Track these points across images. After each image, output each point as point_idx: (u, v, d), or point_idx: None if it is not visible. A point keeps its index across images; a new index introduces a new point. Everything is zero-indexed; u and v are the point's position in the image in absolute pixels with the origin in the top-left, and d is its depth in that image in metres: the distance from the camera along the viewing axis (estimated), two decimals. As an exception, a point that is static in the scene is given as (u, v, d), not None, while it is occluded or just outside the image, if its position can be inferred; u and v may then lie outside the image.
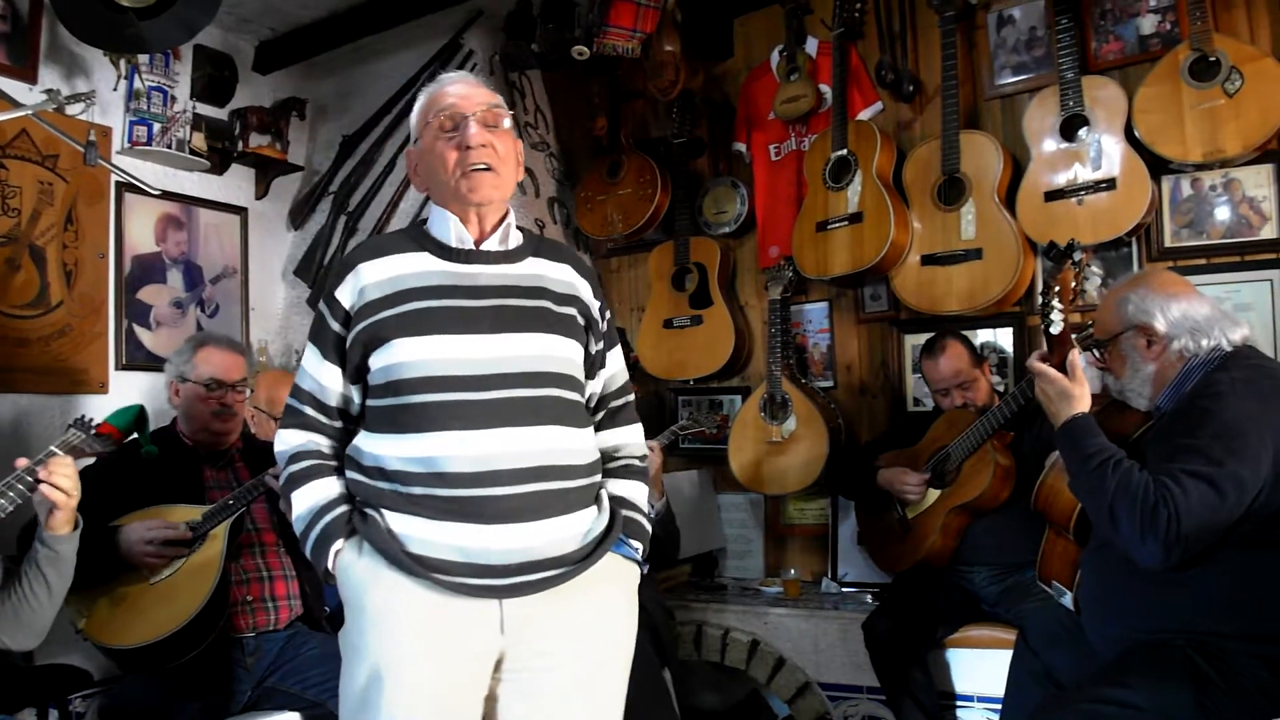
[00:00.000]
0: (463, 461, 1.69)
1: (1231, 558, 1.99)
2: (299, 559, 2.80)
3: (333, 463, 1.84)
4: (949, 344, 3.21)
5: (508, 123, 1.87)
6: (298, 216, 4.42)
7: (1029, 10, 3.56)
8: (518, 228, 1.93)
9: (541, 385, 1.77)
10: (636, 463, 1.98)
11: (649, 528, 1.95)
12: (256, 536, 2.76)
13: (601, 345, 1.95)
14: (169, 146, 3.74)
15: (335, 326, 1.83)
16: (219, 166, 4.09)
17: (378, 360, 1.76)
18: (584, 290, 1.92)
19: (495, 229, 1.87)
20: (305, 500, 1.80)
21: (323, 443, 1.86)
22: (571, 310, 1.87)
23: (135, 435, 2.49)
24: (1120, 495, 2.02)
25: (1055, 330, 2.28)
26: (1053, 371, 2.26)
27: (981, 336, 3.59)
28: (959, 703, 3.05)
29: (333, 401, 1.85)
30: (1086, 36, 3.41)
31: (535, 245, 1.93)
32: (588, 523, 1.81)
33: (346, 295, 1.82)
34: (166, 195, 3.79)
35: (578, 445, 1.82)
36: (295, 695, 2.60)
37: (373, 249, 1.87)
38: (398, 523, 1.72)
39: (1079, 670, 2.30)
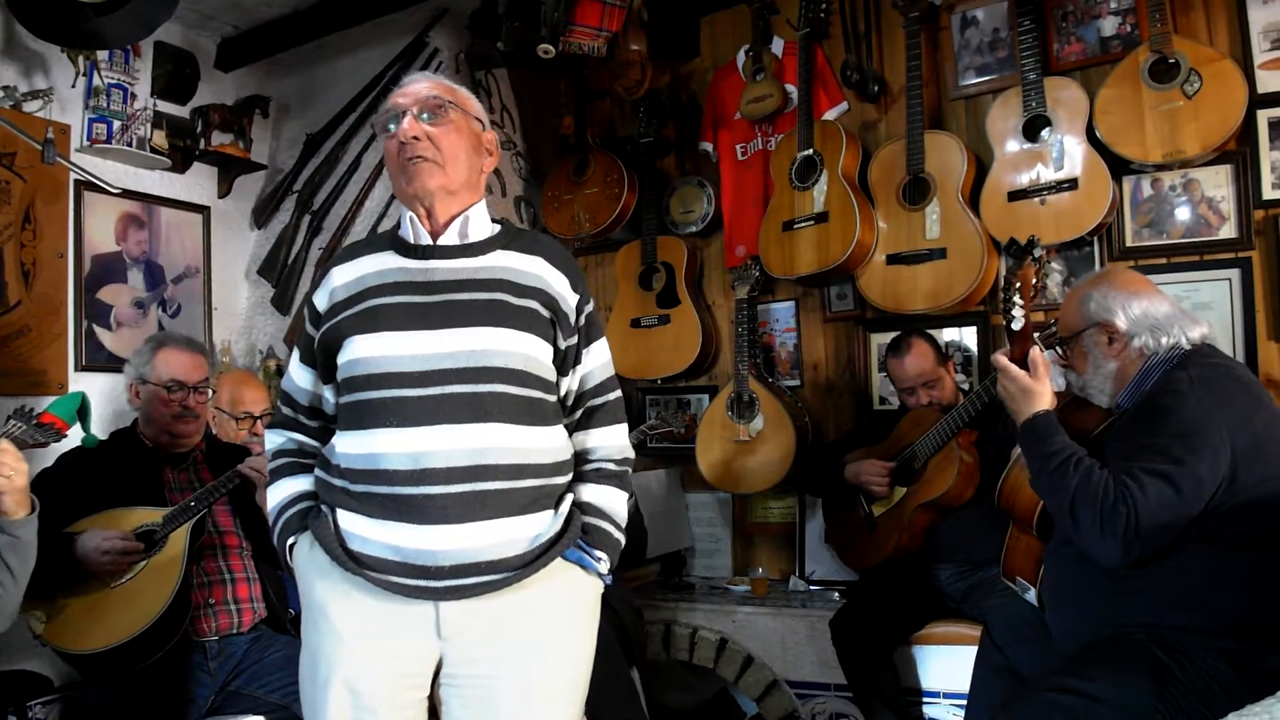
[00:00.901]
0: (399, 459, 1.68)
1: (1191, 553, 2.01)
2: (262, 561, 2.77)
3: (308, 461, 1.89)
4: (914, 343, 3.23)
5: (454, 113, 1.83)
6: (261, 215, 4.38)
7: (992, 12, 3.59)
8: (496, 220, 1.91)
9: (485, 381, 1.71)
10: (610, 466, 1.90)
11: (619, 538, 1.86)
12: (219, 539, 2.73)
13: (575, 340, 1.87)
14: (129, 144, 3.69)
15: (309, 329, 1.88)
16: (180, 165, 4.05)
17: (340, 359, 1.79)
18: (555, 283, 1.85)
19: (451, 222, 1.84)
20: (274, 497, 1.87)
21: (303, 441, 1.91)
22: (532, 303, 1.80)
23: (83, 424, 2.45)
24: (1081, 494, 2.04)
25: (1016, 326, 2.30)
26: (1015, 368, 2.28)
27: (946, 335, 3.62)
28: (925, 699, 3.07)
29: (306, 401, 1.90)
30: (1049, 38, 3.45)
31: (508, 238, 1.88)
32: (538, 527, 1.74)
33: (320, 299, 1.87)
34: (127, 194, 3.75)
35: (528, 444, 1.74)
36: (259, 699, 2.56)
37: (347, 252, 1.92)
38: (344, 520, 1.74)
39: (1042, 665, 2.32)
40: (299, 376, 1.91)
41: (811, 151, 3.66)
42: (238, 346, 4.35)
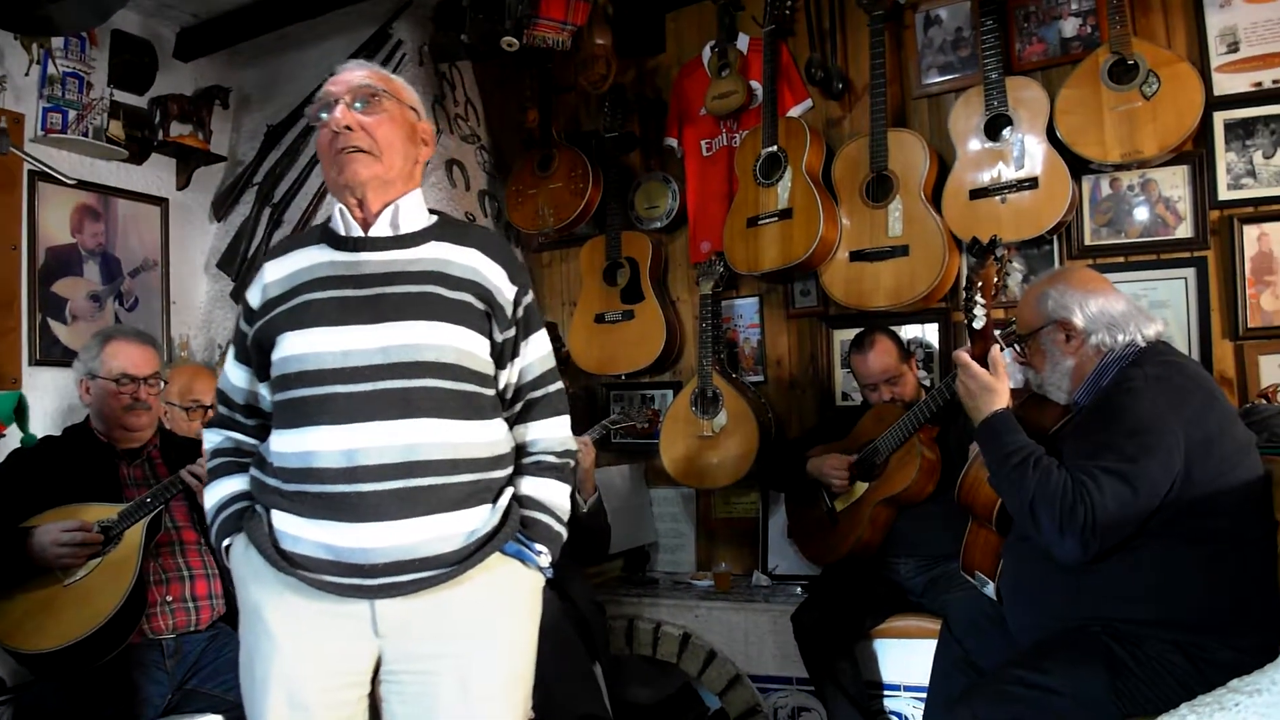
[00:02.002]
0: (331, 457, 1.66)
1: (1147, 548, 2.05)
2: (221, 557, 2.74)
3: (245, 460, 1.87)
4: (877, 339, 3.25)
5: (388, 102, 1.80)
6: (221, 208, 4.32)
7: (955, 11, 3.62)
8: (432, 211, 1.89)
9: (416, 376, 1.69)
10: (551, 459, 1.87)
11: (560, 531, 1.85)
12: (176, 535, 2.69)
13: (513, 332, 1.85)
14: (85, 134, 3.63)
15: (243, 326, 1.87)
16: (138, 156, 3.97)
17: (274, 356, 1.78)
18: (491, 274, 1.81)
19: (381, 212, 1.80)
20: (211, 497, 1.86)
21: (241, 440, 1.90)
22: (466, 295, 1.77)
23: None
24: (1040, 494, 2.07)
25: (978, 325, 2.33)
26: (976, 365, 2.30)
27: (908, 332, 3.64)
28: (886, 692, 3.10)
29: (242, 400, 1.89)
30: (1010, 38, 3.48)
31: (442, 229, 1.86)
32: (474, 522, 1.72)
33: (254, 296, 1.86)
34: (82, 185, 3.69)
35: (463, 438, 1.72)
36: (218, 698, 2.54)
37: (279, 248, 1.90)
38: (278, 520, 1.72)
39: (1001, 657, 2.35)
40: (234, 375, 1.89)
41: (776, 148, 3.67)
42: (196, 341, 4.29)
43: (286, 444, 1.72)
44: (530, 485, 1.84)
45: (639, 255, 4.07)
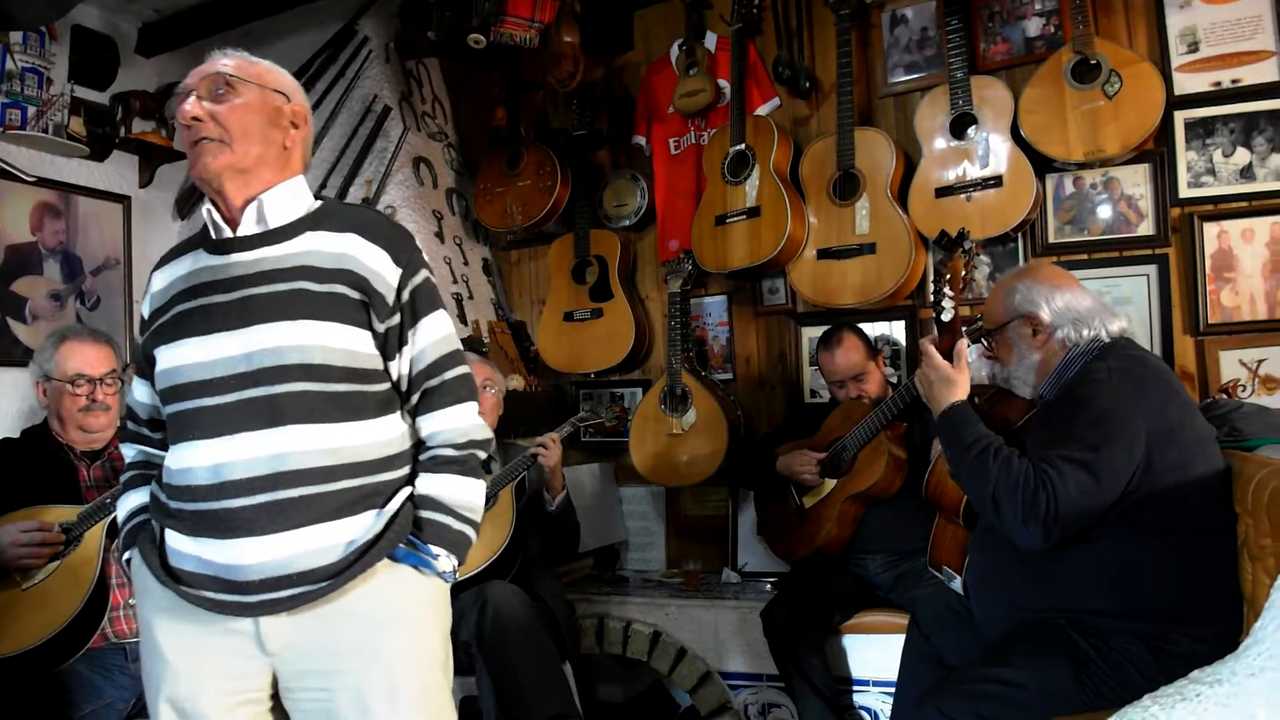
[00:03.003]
0: (201, 473, 1.61)
1: (1109, 539, 2.07)
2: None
3: (153, 472, 1.79)
4: (845, 337, 3.27)
5: (244, 87, 1.70)
6: (184, 206, 4.27)
7: (921, 11, 3.65)
8: (319, 197, 1.82)
9: (280, 381, 1.61)
10: (448, 452, 1.74)
11: (461, 530, 1.73)
12: (139, 536, 2.65)
13: (398, 320, 1.73)
14: (45, 131, 3.58)
15: (139, 338, 1.81)
16: (99, 153, 3.93)
17: (155, 371, 1.72)
18: (368, 260, 1.70)
19: (245, 208, 1.72)
20: (120, 511, 1.83)
21: (151, 453, 1.84)
22: (338, 287, 1.67)
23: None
24: (1002, 482, 2.09)
25: (946, 317, 2.35)
26: (938, 356, 2.32)
27: (876, 329, 3.66)
28: (855, 687, 3.11)
29: (145, 415, 1.84)
30: (975, 38, 3.51)
31: (321, 217, 1.75)
32: (354, 531, 1.63)
33: (145, 308, 1.81)
34: (42, 182, 3.64)
35: (340, 443, 1.63)
36: (181, 700, 2.50)
37: (166, 255, 1.84)
38: (168, 535, 1.67)
39: (968, 652, 2.37)
40: (137, 389, 1.84)
41: (744, 146, 3.68)
42: (160, 340, 4.24)
43: (171, 460, 1.68)
44: (425, 483, 1.73)
45: (607, 253, 4.07)
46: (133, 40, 4.12)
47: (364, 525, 1.65)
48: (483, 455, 1.80)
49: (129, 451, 1.87)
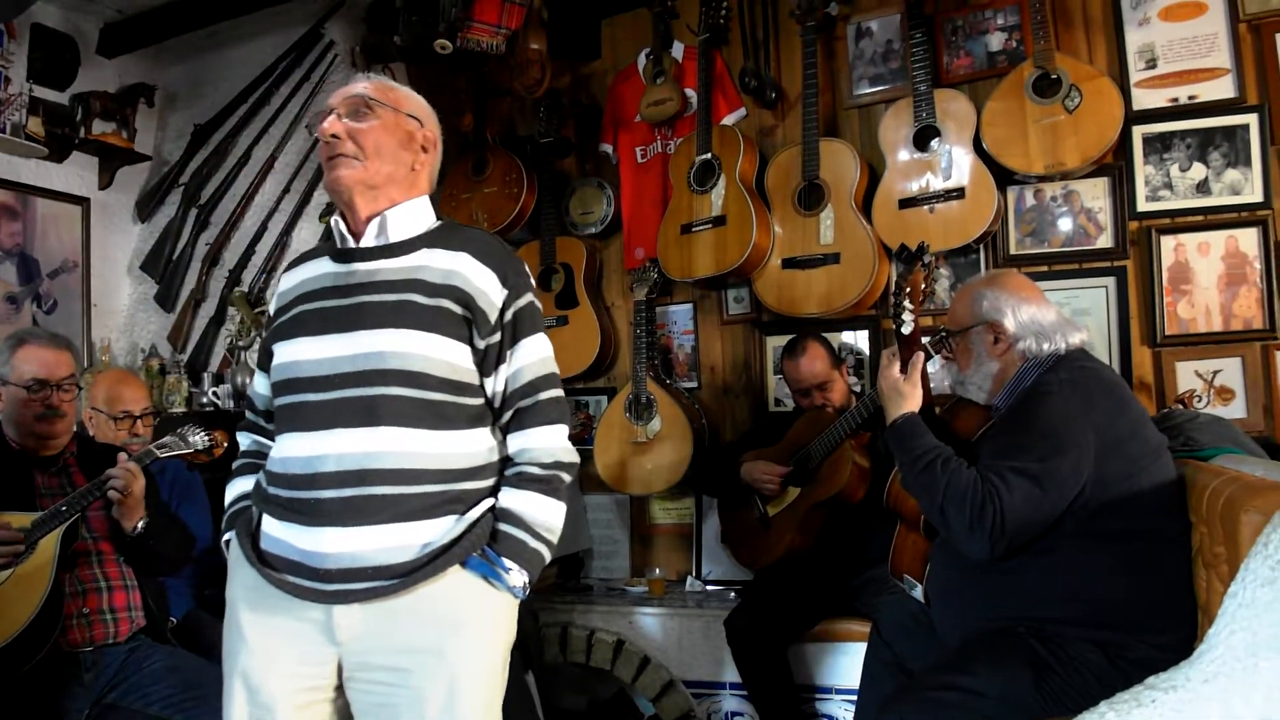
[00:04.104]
0: (298, 463, 1.71)
1: (1065, 549, 2.09)
2: (140, 567, 2.66)
3: (262, 461, 1.89)
4: (809, 345, 3.29)
5: (381, 110, 1.82)
6: (145, 208, 4.22)
7: (886, 24, 3.68)
8: (440, 218, 1.90)
9: (380, 384, 1.69)
10: (534, 470, 1.80)
11: (536, 548, 1.77)
12: (93, 545, 2.59)
13: (498, 339, 1.79)
14: (2, 131, 3.54)
15: (264, 334, 1.94)
16: (58, 154, 3.88)
17: (272, 365, 1.84)
18: (476, 279, 1.78)
19: (369, 222, 1.82)
20: (227, 496, 1.93)
21: (264, 443, 1.93)
22: (444, 302, 1.75)
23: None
24: (950, 493, 2.11)
25: (906, 330, 2.36)
26: (893, 367, 2.35)
27: (840, 339, 3.69)
28: (818, 694, 3.12)
29: (263, 406, 1.95)
30: (939, 51, 3.55)
31: (438, 236, 1.84)
32: (433, 533, 1.69)
33: (273, 306, 1.93)
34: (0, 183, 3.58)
35: (427, 449, 1.70)
36: (137, 712, 2.46)
37: (296, 259, 1.97)
38: (264, 521, 1.78)
39: (929, 660, 2.38)
40: (258, 381, 1.96)
41: (710, 156, 3.70)
42: (119, 345, 4.18)
43: (275, 450, 1.80)
44: (508, 497, 1.78)
45: (573, 261, 4.07)
46: (94, 40, 4.07)
47: (442, 529, 1.71)
48: (567, 478, 1.86)
49: (244, 440, 1.97)
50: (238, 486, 1.92)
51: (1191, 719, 1.31)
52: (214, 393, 3.90)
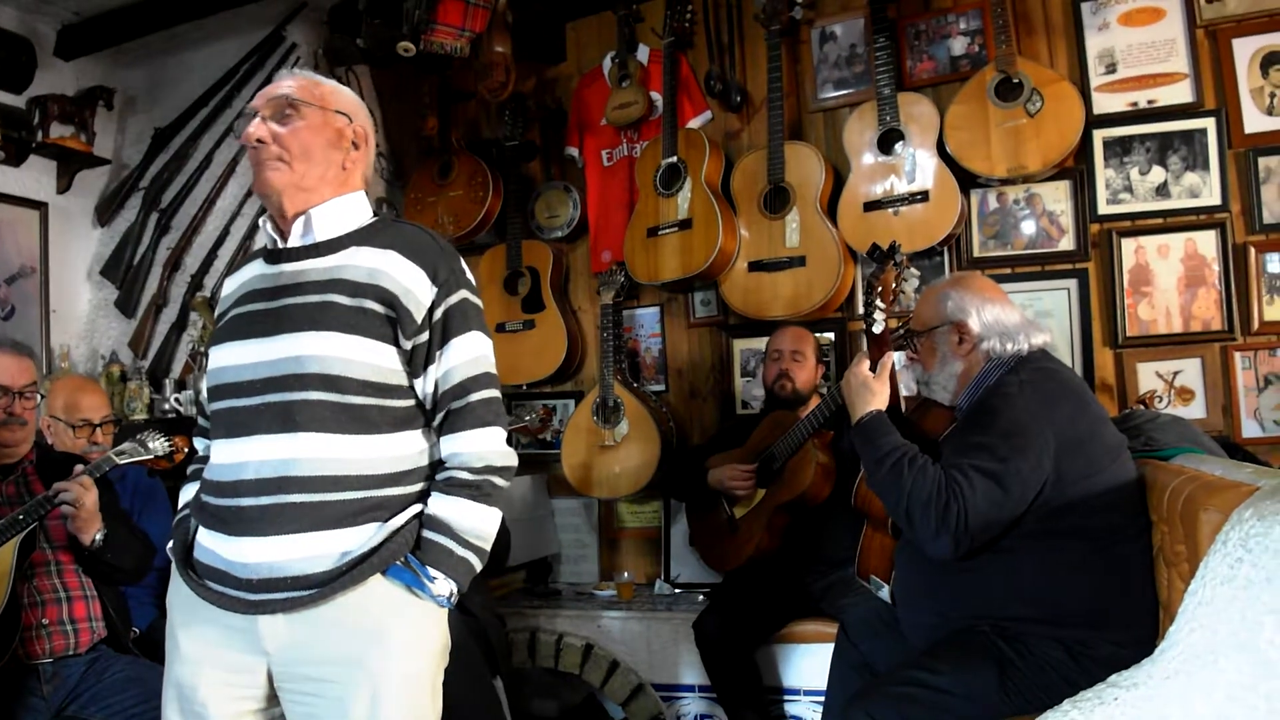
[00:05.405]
0: (221, 470, 1.71)
1: (1028, 548, 2.11)
2: (100, 578, 2.62)
3: None
4: (802, 329, 3.36)
5: (307, 110, 1.76)
6: (105, 213, 4.17)
7: (850, 28, 3.70)
8: (376, 215, 1.86)
9: (299, 389, 1.65)
10: (463, 475, 1.72)
11: (464, 555, 1.70)
12: (52, 555, 2.56)
13: (426, 338, 1.73)
14: (-44, 134, 3.47)
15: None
16: (14, 157, 3.82)
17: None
18: (403, 277, 1.71)
19: (294, 222, 1.78)
20: (180, 501, 1.91)
21: None
22: (367, 302, 1.69)
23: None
24: (916, 492, 2.12)
25: (877, 330, 2.38)
26: (862, 365, 2.36)
27: (807, 341, 3.70)
28: (786, 696, 3.13)
29: (209, 410, 1.91)
30: (902, 55, 3.58)
31: (368, 234, 1.78)
32: (352, 541, 1.64)
33: (216, 311, 1.94)
34: (-47, 187, 3.52)
35: (348, 454, 1.66)
36: (99, 724, 2.43)
37: (237, 263, 2.03)
38: (199, 530, 1.76)
39: (896, 659, 2.39)
40: (204, 387, 1.93)
41: (676, 159, 3.70)
42: (78, 351, 4.12)
43: (211, 457, 1.78)
44: (435, 504, 1.72)
45: (540, 264, 4.05)
46: (51, 42, 4.01)
47: (363, 537, 1.66)
48: (501, 482, 1.77)
49: (199, 445, 1.96)
50: (188, 492, 1.89)
51: (1152, 716, 1.32)
52: (176, 399, 3.85)
